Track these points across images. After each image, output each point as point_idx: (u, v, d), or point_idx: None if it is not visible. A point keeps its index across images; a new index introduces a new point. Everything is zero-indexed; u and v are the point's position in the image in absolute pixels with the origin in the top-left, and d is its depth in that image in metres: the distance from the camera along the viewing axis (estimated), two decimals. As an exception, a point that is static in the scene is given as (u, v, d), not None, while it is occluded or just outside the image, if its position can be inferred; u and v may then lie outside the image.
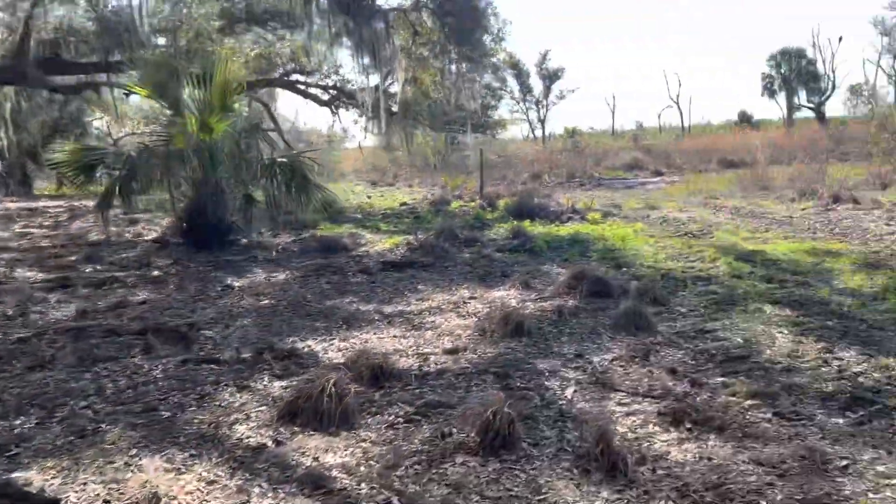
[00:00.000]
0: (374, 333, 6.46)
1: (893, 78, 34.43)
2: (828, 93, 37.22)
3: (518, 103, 41.64)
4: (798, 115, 39.30)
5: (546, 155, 35.29)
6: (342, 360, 5.51)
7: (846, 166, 22.36)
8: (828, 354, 5.30)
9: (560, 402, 4.66)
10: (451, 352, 5.76)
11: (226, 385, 5.13)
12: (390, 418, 4.46)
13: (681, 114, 42.47)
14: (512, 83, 41.12)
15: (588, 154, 35.23)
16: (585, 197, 20.52)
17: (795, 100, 38.65)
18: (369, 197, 22.61)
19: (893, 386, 4.64)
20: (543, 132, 41.62)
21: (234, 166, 11.30)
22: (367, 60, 14.81)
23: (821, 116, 37.25)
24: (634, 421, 4.31)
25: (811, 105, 38.15)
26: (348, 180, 29.00)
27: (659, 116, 44.94)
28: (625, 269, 9.17)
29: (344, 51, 15.88)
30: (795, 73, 37.61)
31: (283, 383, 5.13)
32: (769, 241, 11.14)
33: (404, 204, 19.47)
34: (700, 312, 6.72)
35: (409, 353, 5.80)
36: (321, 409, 4.30)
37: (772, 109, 55.07)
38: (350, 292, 8.26)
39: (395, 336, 6.34)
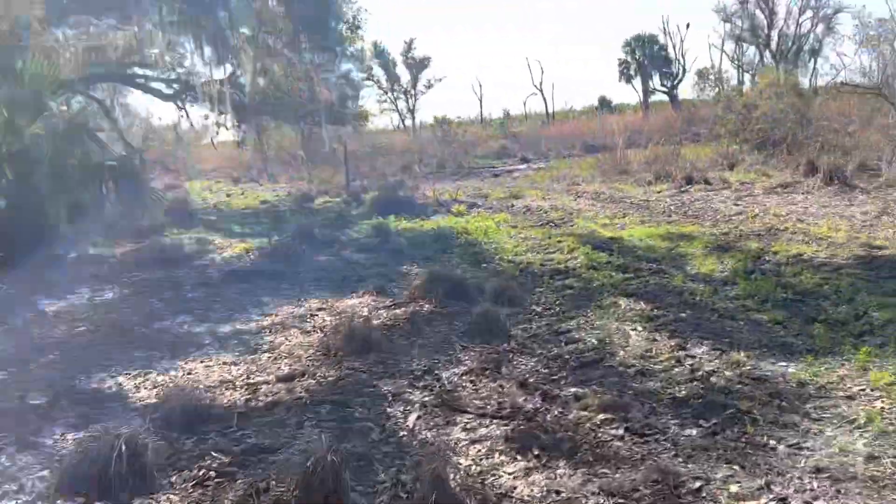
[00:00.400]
0: (202, 361, 5.69)
1: (736, 62, 36.69)
2: (679, 77, 39.14)
3: (386, 93, 41.10)
4: (653, 98, 41.20)
5: (416, 145, 34.89)
6: (154, 400, 4.74)
7: (698, 147, 23.35)
8: (681, 352, 5.08)
9: (401, 433, 4.14)
10: (287, 379, 5.11)
11: (4, 444, 4.24)
12: (200, 473, 3.77)
13: (545, 101, 43.38)
14: (378, 73, 40.51)
15: (458, 143, 35.15)
16: (453, 188, 20.23)
17: (650, 84, 40.36)
18: (228, 195, 21.29)
19: (744, 385, 4.46)
20: (413, 122, 41.29)
21: (54, 171, 9.99)
22: (209, 51, 13.73)
23: (674, 100, 39.07)
24: (479, 450, 3.86)
25: (665, 89, 40.00)
26: (207, 178, 27.37)
27: (525, 104, 45.70)
28: (485, 264, 8.81)
29: (187, 42, 14.62)
30: (649, 58, 39.24)
31: (80, 435, 4.30)
32: (627, 226, 11.18)
33: (265, 202, 18.41)
34: (555, 311, 6.42)
35: (238, 383, 5.09)
36: (109, 473, 3.55)
37: (629, 94, 57.51)
38: (185, 310, 7.38)
39: (225, 363, 5.60)
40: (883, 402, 4.07)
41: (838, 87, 26.79)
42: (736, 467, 3.45)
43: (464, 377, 4.97)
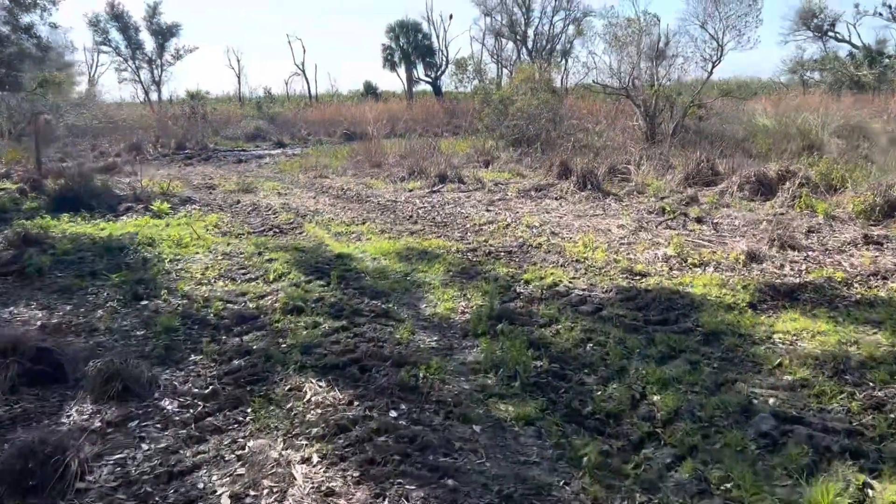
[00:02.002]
0: None
1: (495, 57, 36.59)
2: (442, 68, 38.28)
3: (126, 61, 35.27)
4: (418, 88, 40.07)
5: (158, 121, 30.14)
6: None
7: (457, 141, 22.07)
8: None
9: None
10: None
11: None
12: None
13: (307, 82, 40.47)
14: (117, 38, 34.63)
15: (210, 121, 31.03)
16: (179, 175, 16.81)
17: (415, 73, 39.13)
18: None
19: None
20: (160, 95, 36.03)
21: None
22: None
23: (437, 90, 38.19)
24: None
25: (429, 79, 38.97)
26: None
27: (286, 83, 42.28)
28: (146, 300, 6.03)
29: None
30: (413, 46, 37.93)
31: None
32: (363, 237, 8.97)
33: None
34: (195, 414, 3.87)
35: None
36: None
37: (396, 82, 56.29)
38: None
39: None
40: None
41: (589, 86, 27.22)
42: None
43: None
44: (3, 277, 6.77)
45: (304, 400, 3.91)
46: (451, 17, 42.18)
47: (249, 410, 3.78)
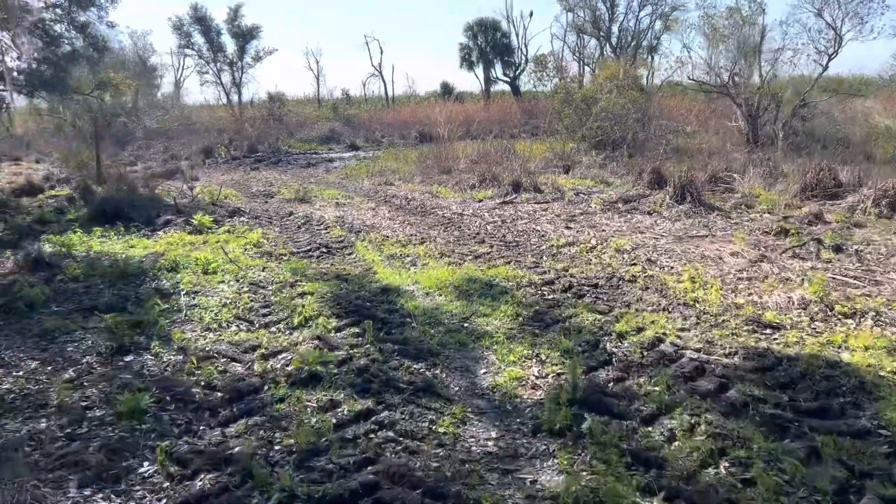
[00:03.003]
0: None
1: (577, 55, 34.46)
2: (521, 67, 36.37)
3: (208, 63, 35.16)
4: (495, 88, 38.29)
5: (235, 123, 29.70)
6: None
7: (534, 142, 20.34)
8: None
9: None
10: None
11: None
12: None
13: (384, 83, 39.36)
14: (199, 41, 34.52)
15: (285, 124, 30.41)
16: (242, 180, 15.84)
17: (493, 73, 37.38)
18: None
19: None
20: (240, 97, 35.77)
21: None
22: None
23: (515, 90, 36.39)
24: None
25: (507, 79, 37.16)
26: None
27: (364, 85, 41.35)
28: (131, 355, 4.69)
29: None
30: (491, 45, 36.21)
31: None
32: (420, 261, 7.47)
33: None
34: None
35: None
36: None
37: (473, 82, 54.51)
38: None
39: None
40: None
41: (678, 84, 24.88)
42: None
43: None
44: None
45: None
46: (531, 14, 40.43)
47: None
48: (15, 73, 11.10)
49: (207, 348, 4.73)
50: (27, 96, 12.88)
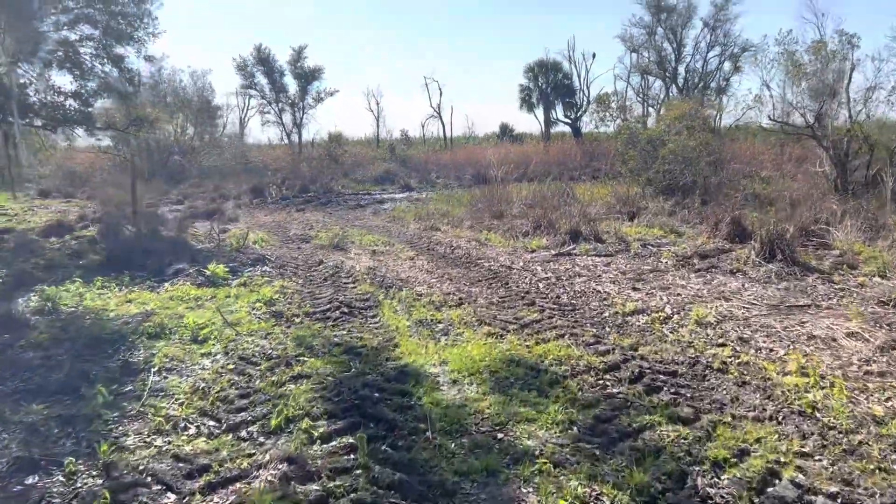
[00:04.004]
0: None
1: (641, 95, 32.85)
2: (583, 108, 34.96)
3: (269, 104, 35.08)
4: (555, 129, 36.87)
5: (292, 163, 29.22)
6: None
7: (595, 186, 18.82)
8: None
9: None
10: None
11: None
12: None
13: (442, 124, 38.47)
14: (262, 81, 34.48)
15: (340, 164, 29.79)
16: (284, 221, 14.86)
17: (553, 114, 36.06)
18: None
19: None
20: (300, 137, 35.43)
21: None
22: None
23: (576, 131, 34.94)
24: None
25: (568, 120, 35.75)
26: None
27: (423, 126, 40.62)
28: (32, 475, 3.43)
29: None
30: (552, 86, 34.95)
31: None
32: (452, 328, 6.06)
33: (7, 231, 12.44)
34: None
35: None
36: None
37: (533, 123, 53.12)
38: None
39: None
40: None
41: (748, 125, 22.98)
42: None
43: None
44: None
45: None
46: (593, 55, 38.81)
47: None
48: (37, 106, 10.39)
49: (140, 467, 3.41)
50: (51, 132, 12.20)
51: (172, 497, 3.15)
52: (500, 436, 3.87)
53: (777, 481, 3.38)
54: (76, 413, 4.02)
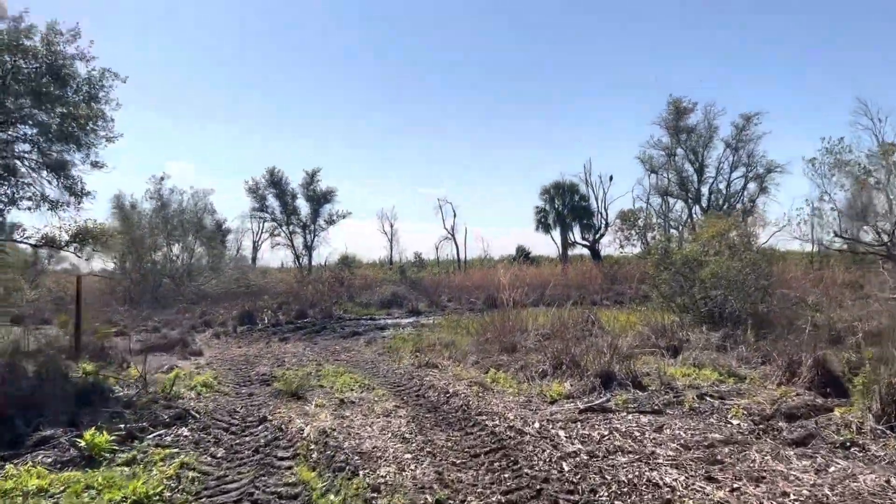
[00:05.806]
0: None
1: (662, 216, 30.86)
2: (601, 230, 32.99)
3: (280, 226, 33.58)
4: (573, 252, 34.71)
5: (296, 286, 27.13)
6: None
7: (621, 312, 16.22)
8: None
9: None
10: None
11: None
12: None
13: (456, 246, 36.61)
14: (273, 203, 33.19)
15: (346, 287, 27.66)
16: (259, 353, 12.34)
17: (570, 236, 34.10)
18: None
19: None
20: (310, 259, 33.64)
21: None
22: None
23: (595, 254, 32.79)
24: None
25: (586, 242, 33.72)
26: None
27: (436, 248, 38.80)
28: None
29: None
30: (569, 208, 33.23)
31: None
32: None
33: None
34: None
35: None
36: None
37: (551, 246, 51.08)
38: None
39: None
40: None
41: (825, 241, 20.53)
42: None
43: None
44: None
45: None
46: (610, 178, 37.17)
47: None
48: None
49: None
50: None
51: None
52: None
53: None
54: None
